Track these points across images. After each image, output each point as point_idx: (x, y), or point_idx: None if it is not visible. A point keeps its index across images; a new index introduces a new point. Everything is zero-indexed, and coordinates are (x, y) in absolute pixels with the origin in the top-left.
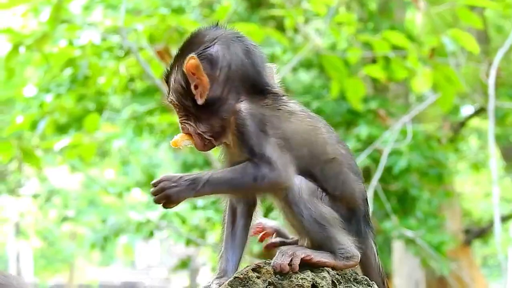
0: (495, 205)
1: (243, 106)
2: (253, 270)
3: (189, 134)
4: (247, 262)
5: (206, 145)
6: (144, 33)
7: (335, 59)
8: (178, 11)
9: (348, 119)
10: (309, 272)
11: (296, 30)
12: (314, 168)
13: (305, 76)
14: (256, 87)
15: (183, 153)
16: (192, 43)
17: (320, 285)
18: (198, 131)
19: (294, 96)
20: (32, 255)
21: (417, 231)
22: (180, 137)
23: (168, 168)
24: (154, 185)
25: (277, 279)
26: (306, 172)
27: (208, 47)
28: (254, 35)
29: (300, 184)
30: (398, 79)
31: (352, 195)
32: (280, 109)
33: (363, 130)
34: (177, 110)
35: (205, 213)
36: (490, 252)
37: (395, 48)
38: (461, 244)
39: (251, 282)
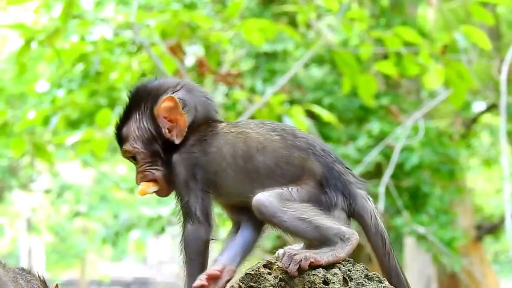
0: (506, 201)
1: (179, 154)
2: (264, 266)
3: (153, 179)
4: (259, 258)
5: (171, 189)
6: (156, 29)
7: (347, 55)
8: (190, 6)
9: (360, 115)
10: (320, 269)
11: (308, 26)
12: (262, 174)
13: (317, 72)
14: (207, 125)
15: None
16: (150, 92)
17: (332, 281)
18: (166, 174)
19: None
20: (44, 250)
21: (429, 227)
22: (145, 185)
23: None
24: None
25: (288, 275)
26: (259, 183)
27: (175, 91)
28: (267, 31)
29: (265, 198)
30: (410, 75)
31: (308, 172)
32: (208, 139)
33: (374, 126)
34: (141, 157)
35: (216, 209)
36: (501, 248)
37: (407, 44)
38: (473, 240)
39: (262, 278)
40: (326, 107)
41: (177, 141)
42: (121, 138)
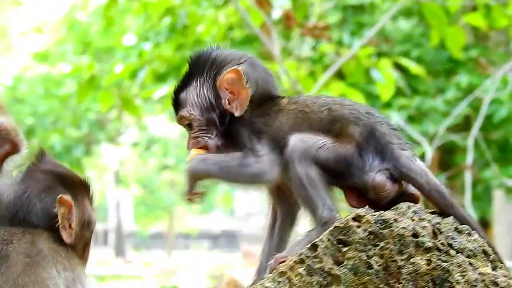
0: None
1: (248, 118)
2: (354, 219)
3: (205, 147)
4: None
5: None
6: None
7: (435, 7)
8: None
9: (448, 68)
10: (409, 221)
11: None
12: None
13: (405, 25)
14: (267, 99)
15: None
16: (214, 60)
17: (421, 234)
18: (218, 143)
19: (394, 45)
20: (132, 203)
21: None
22: (196, 151)
23: None
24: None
25: (377, 228)
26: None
27: (239, 64)
28: None
29: (294, 143)
30: (499, 27)
31: (348, 135)
32: (272, 112)
33: (463, 79)
34: (196, 124)
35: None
36: None
37: None
38: None
39: (351, 231)
40: (414, 60)
41: (237, 114)
42: (178, 104)
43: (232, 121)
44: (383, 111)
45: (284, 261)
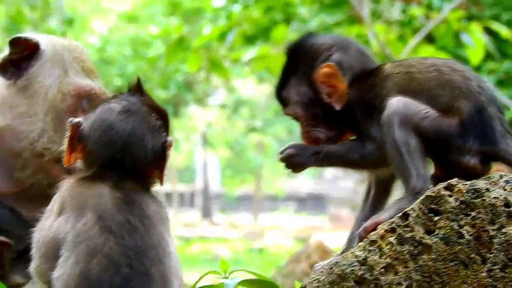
0: None
1: (355, 98)
2: (445, 188)
3: (316, 140)
4: None
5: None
6: None
7: None
8: None
9: None
10: (501, 191)
11: None
12: (421, 95)
13: None
14: (368, 74)
15: None
16: (306, 54)
17: None
18: (328, 135)
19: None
20: (219, 165)
21: None
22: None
23: None
24: (281, 152)
25: (469, 197)
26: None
27: (330, 55)
28: None
29: (396, 106)
30: None
31: (455, 110)
32: (377, 82)
33: None
34: (303, 120)
35: None
36: None
37: None
38: None
39: (443, 200)
40: (504, 24)
41: (337, 107)
42: (282, 100)
43: (340, 110)
44: None
45: (373, 229)
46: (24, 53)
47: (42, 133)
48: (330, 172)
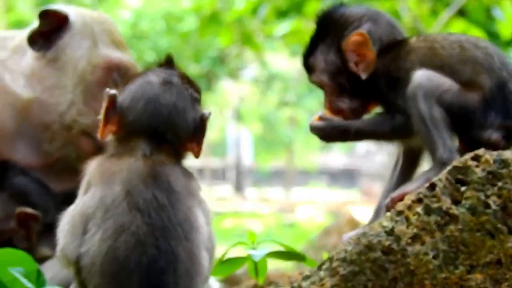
0: None
1: (381, 70)
2: (472, 158)
3: (339, 111)
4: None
5: (357, 116)
6: None
7: None
8: None
9: None
10: None
11: None
12: (443, 70)
13: None
14: (394, 46)
15: None
16: (336, 23)
17: None
18: (352, 106)
19: None
20: (251, 140)
21: None
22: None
23: None
24: (312, 127)
25: (496, 168)
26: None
27: (361, 24)
28: None
29: (420, 79)
30: None
31: (478, 85)
32: (401, 55)
33: None
34: (328, 89)
35: None
36: None
37: None
38: None
39: (470, 170)
40: None
41: (364, 76)
42: (309, 67)
43: (366, 80)
44: (504, 50)
45: (401, 199)
46: (54, 25)
47: (71, 105)
48: (362, 146)
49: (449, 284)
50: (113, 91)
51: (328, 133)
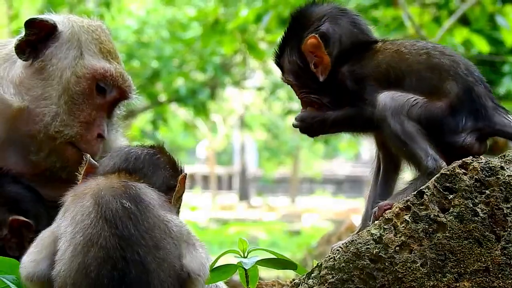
0: None
1: (346, 69)
2: (460, 166)
3: (311, 104)
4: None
5: (329, 109)
6: None
7: None
8: None
9: None
10: None
11: None
12: (404, 80)
13: None
14: (359, 47)
15: None
16: (299, 24)
17: None
18: (323, 101)
19: None
20: (256, 147)
21: None
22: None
23: None
24: (296, 119)
25: (484, 176)
26: (396, 85)
27: (319, 26)
28: None
29: (384, 101)
30: None
31: (444, 91)
32: (367, 55)
33: None
34: (297, 88)
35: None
36: None
37: None
38: None
39: (458, 178)
40: None
41: (321, 78)
42: (279, 67)
43: (332, 77)
44: (507, 57)
45: (388, 209)
46: (41, 35)
47: (55, 116)
48: (367, 154)
49: None
50: (92, 162)
51: (308, 125)
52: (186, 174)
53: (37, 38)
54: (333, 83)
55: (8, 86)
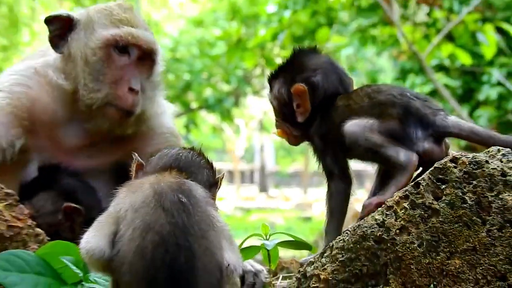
0: None
1: (316, 122)
2: (451, 161)
3: (283, 133)
4: None
5: (297, 142)
6: None
7: None
8: None
9: None
10: (498, 163)
11: None
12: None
13: None
14: (330, 99)
15: (401, 60)
16: (296, 66)
17: (508, 174)
18: (293, 133)
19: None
20: (273, 147)
21: None
22: (278, 133)
23: (389, 73)
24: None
25: (471, 168)
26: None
27: (311, 76)
28: None
29: (348, 129)
30: None
31: (388, 116)
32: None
33: None
34: (276, 112)
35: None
36: None
37: None
38: None
39: (449, 171)
40: None
41: (299, 119)
42: (270, 86)
43: (308, 120)
44: (486, 68)
45: (379, 206)
46: (65, 27)
47: (85, 87)
48: None
49: (432, 268)
50: (140, 161)
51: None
52: (224, 174)
53: (62, 32)
54: (307, 125)
55: (60, 74)
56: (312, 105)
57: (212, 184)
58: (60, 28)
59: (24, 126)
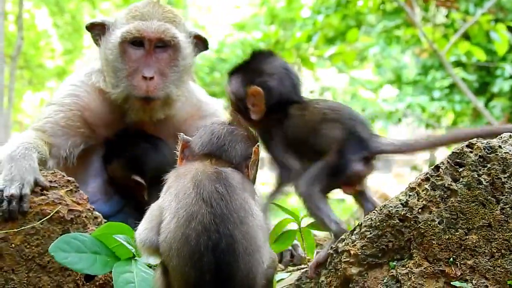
0: None
1: (268, 122)
2: (467, 146)
3: (238, 121)
4: None
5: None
6: None
7: None
8: None
9: None
10: (510, 147)
11: None
12: (308, 129)
13: None
14: (283, 104)
15: (423, 58)
16: (255, 68)
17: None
18: (248, 123)
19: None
20: None
21: None
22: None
23: (412, 69)
24: None
25: (486, 153)
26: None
27: (268, 81)
28: None
29: (300, 185)
30: None
31: (332, 137)
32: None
33: None
34: (231, 105)
35: (440, 104)
36: None
37: None
38: None
39: (466, 155)
40: None
41: (253, 117)
42: (229, 80)
43: (261, 119)
44: (499, 63)
45: (318, 263)
46: (102, 32)
47: (108, 84)
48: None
49: (451, 243)
50: (186, 138)
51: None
52: (259, 145)
53: (99, 37)
54: (260, 123)
55: (101, 77)
56: (266, 107)
57: (247, 156)
58: (98, 34)
59: (80, 133)
